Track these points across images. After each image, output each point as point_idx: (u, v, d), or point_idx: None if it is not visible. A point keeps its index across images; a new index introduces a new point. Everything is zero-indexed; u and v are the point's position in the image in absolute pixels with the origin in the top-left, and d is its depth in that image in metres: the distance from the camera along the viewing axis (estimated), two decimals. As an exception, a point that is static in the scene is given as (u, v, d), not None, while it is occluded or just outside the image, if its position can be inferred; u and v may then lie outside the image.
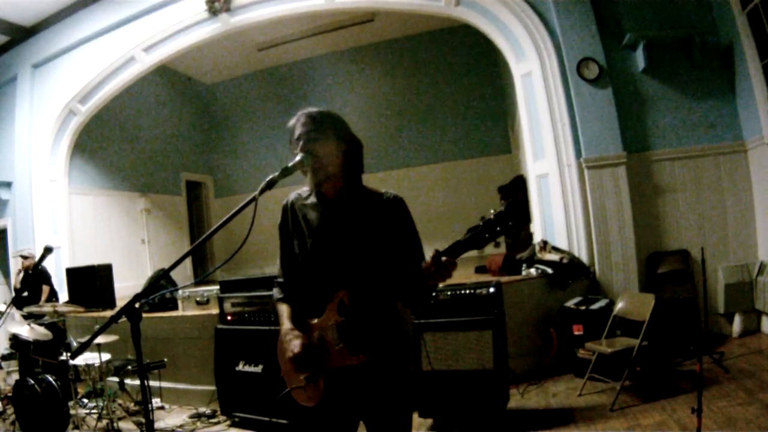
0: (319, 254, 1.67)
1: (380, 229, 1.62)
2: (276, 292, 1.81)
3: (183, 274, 9.12)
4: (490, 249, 6.92)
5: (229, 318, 4.19)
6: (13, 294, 6.19)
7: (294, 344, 1.63)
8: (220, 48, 8.49)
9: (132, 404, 4.29)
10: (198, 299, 4.68)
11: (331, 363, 1.59)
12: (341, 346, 1.56)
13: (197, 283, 6.67)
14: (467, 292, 3.57)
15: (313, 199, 1.72)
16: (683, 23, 4.90)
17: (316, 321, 1.65)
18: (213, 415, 4.20)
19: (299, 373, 1.64)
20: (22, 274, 6.01)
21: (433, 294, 1.67)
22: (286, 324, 1.71)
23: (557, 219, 5.04)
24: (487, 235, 1.34)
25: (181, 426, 4.10)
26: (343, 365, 1.57)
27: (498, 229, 1.32)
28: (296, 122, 1.66)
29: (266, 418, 3.71)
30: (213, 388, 4.19)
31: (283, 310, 1.76)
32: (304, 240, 1.71)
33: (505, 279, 4.44)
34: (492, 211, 1.34)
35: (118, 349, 4.29)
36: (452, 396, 3.41)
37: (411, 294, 1.54)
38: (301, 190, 1.78)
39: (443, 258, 1.39)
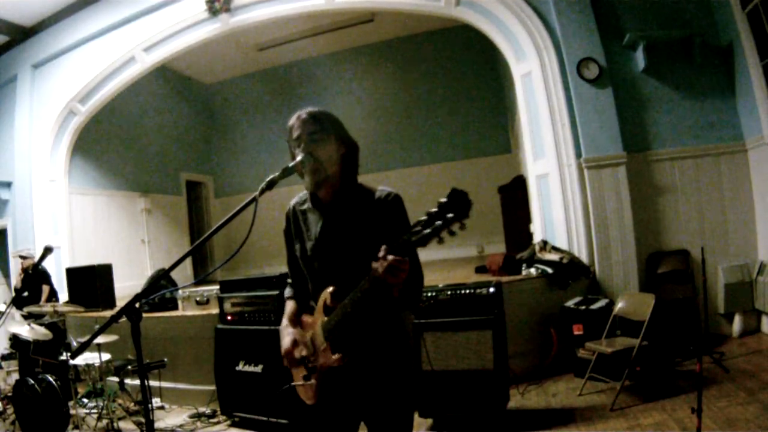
0: (317, 257, 1.68)
1: (374, 229, 1.59)
2: (287, 291, 1.86)
3: (183, 274, 9.12)
4: (490, 249, 6.90)
5: (229, 318, 4.19)
6: (13, 294, 6.19)
7: (285, 341, 1.68)
8: (220, 48, 8.49)
9: (132, 404, 4.29)
10: (198, 299, 4.68)
11: (318, 363, 1.60)
12: (325, 346, 1.56)
13: (197, 283, 6.67)
14: (467, 292, 3.56)
15: (309, 204, 1.71)
16: (683, 23, 4.90)
17: (310, 320, 1.67)
18: (213, 415, 4.21)
19: (294, 369, 1.66)
20: (22, 275, 6.01)
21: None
22: (284, 321, 1.76)
23: (557, 219, 5.04)
24: (428, 231, 1.23)
25: (181, 426, 4.10)
26: (328, 365, 1.56)
27: (439, 222, 1.22)
28: (296, 121, 1.65)
29: (266, 418, 3.72)
30: (213, 388, 4.19)
31: (287, 306, 1.80)
32: (303, 244, 1.72)
33: (505, 279, 4.44)
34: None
35: (118, 349, 4.29)
36: (452, 396, 3.41)
37: (386, 294, 1.47)
38: (301, 193, 1.78)
39: (390, 257, 1.32)
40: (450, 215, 1.20)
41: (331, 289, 1.56)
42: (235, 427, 3.97)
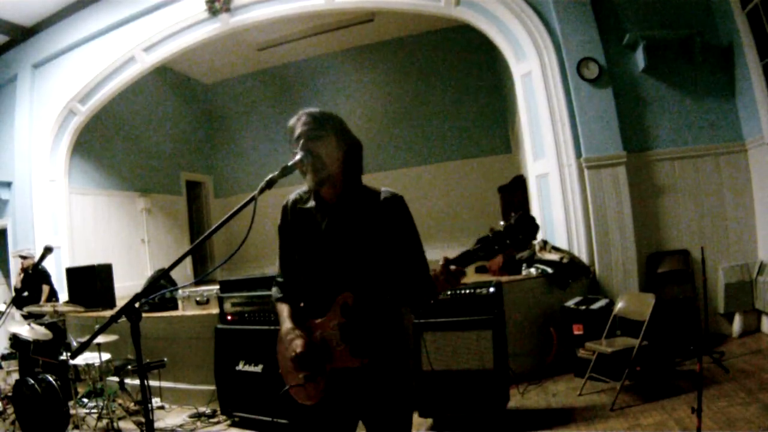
0: (321, 259, 1.67)
1: (379, 231, 1.61)
2: (275, 292, 1.80)
3: (183, 274, 9.12)
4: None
5: (229, 318, 4.19)
6: (13, 294, 6.19)
7: (296, 344, 1.62)
8: (220, 48, 8.49)
9: (132, 404, 4.29)
10: (198, 299, 4.68)
11: (332, 364, 1.59)
12: (343, 348, 1.56)
13: (197, 283, 6.67)
14: (467, 292, 3.56)
15: (312, 203, 1.70)
16: (683, 23, 4.90)
17: (318, 321, 1.65)
18: (213, 415, 4.20)
19: (299, 371, 1.63)
20: (22, 274, 6.01)
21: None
22: (287, 323, 1.70)
23: (557, 219, 5.04)
24: (496, 247, 1.35)
25: (181, 426, 4.09)
26: (344, 366, 1.57)
27: (507, 241, 1.33)
28: (297, 121, 1.65)
29: (266, 418, 3.72)
30: (213, 387, 4.19)
31: (283, 309, 1.75)
32: (305, 245, 1.70)
33: (505, 279, 4.44)
34: (501, 223, 1.34)
35: (118, 349, 4.29)
36: (452, 396, 3.41)
37: (419, 300, 1.55)
38: (300, 190, 1.76)
39: (452, 267, 1.39)
40: (520, 236, 1.32)
41: (350, 292, 1.57)
42: (235, 427, 3.97)
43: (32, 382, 3.76)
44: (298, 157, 1.58)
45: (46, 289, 5.98)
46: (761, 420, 2.89)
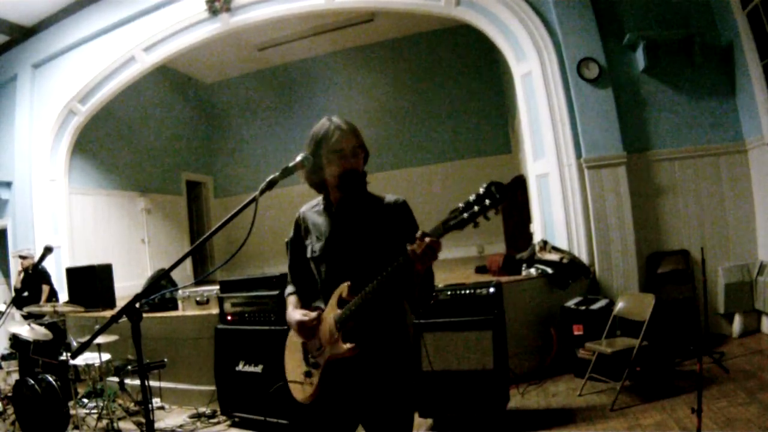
0: (327, 257, 1.71)
1: (384, 232, 1.64)
2: (288, 288, 1.89)
3: (183, 274, 9.12)
4: (490, 249, 6.91)
5: (229, 318, 4.19)
6: (13, 294, 6.19)
7: (294, 316, 1.70)
8: (220, 48, 8.49)
9: (132, 404, 4.29)
10: (198, 299, 4.68)
11: (327, 355, 1.62)
12: (337, 336, 1.58)
13: (197, 283, 6.67)
14: (467, 292, 3.56)
15: (320, 207, 1.76)
16: (683, 23, 4.90)
17: (323, 315, 1.68)
18: (213, 415, 4.20)
19: (292, 366, 1.67)
20: (22, 274, 6.01)
21: (433, 293, 1.68)
22: (288, 308, 1.79)
23: (557, 219, 5.04)
24: (465, 215, 1.35)
25: (181, 426, 4.10)
26: (337, 357, 1.59)
27: (476, 208, 1.33)
28: (335, 130, 1.65)
29: (266, 418, 3.72)
30: (213, 388, 4.19)
31: (290, 299, 1.83)
32: (313, 245, 1.75)
33: (505, 279, 4.44)
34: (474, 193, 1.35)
35: (118, 349, 4.29)
36: (452, 396, 3.41)
37: (406, 284, 1.54)
38: (313, 201, 1.82)
39: (427, 239, 1.39)
40: (488, 201, 1.32)
41: (348, 283, 1.59)
42: (235, 428, 3.97)
43: (32, 382, 3.76)
44: (298, 158, 1.60)
45: (46, 289, 5.98)
46: (761, 420, 2.89)
